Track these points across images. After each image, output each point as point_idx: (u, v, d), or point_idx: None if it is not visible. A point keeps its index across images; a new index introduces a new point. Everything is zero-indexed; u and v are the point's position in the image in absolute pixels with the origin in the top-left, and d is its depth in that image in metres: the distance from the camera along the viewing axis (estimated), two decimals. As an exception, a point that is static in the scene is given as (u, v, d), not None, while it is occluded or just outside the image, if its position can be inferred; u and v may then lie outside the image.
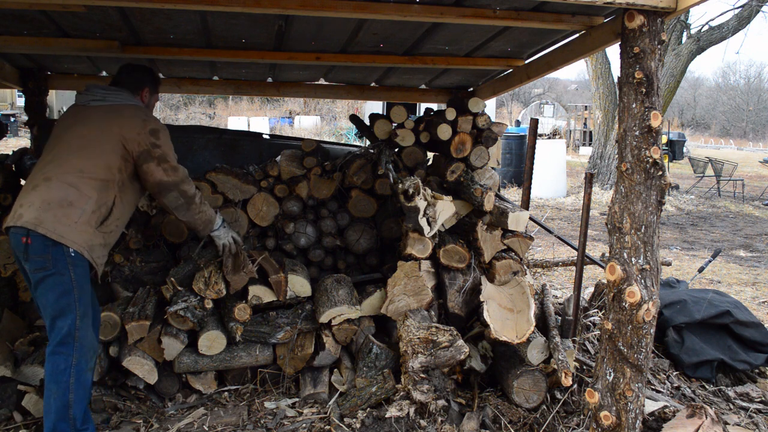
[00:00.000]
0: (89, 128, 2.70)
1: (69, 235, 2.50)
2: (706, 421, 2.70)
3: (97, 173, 2.61)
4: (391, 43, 3.44)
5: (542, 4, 2.74)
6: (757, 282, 6.43)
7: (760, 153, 32.66)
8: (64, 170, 2.58)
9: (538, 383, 3.09)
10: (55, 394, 2.47)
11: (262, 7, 2.57)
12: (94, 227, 2.58)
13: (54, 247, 2.47)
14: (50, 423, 2.47)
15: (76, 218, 2.52)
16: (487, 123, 3.79)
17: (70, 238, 2.50)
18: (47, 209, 2.49)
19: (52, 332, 2.52)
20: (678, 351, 3.72)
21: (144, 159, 2.71)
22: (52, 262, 2.48)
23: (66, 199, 2.53)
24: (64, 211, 2.51)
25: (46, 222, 2.47)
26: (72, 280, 2.52)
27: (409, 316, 3.17)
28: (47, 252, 2.47)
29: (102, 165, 2.63)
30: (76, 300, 2.53)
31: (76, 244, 2.51)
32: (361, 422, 2.86)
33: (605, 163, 13.37)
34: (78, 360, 2.53)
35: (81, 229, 2.53)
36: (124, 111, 2.77)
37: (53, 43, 3.25)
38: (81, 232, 2.53)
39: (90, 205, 2.57)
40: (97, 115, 2.74)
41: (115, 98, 2.80)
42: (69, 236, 2.50)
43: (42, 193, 2.53)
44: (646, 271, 2.35)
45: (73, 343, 2.52)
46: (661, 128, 2.37)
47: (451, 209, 3.48)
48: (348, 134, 21.91)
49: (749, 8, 12.72)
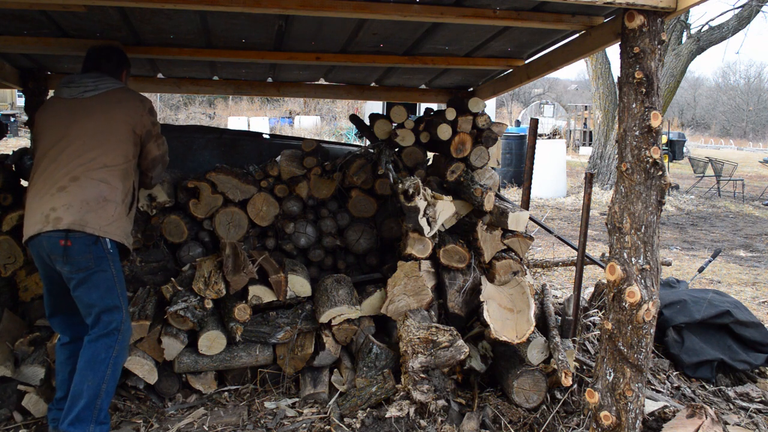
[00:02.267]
0: (97, 121, 2.70)
1: (112, 229, 2.60)
2: (706, 421, 2.70)
3: (118, 164, 2.68)
4: (391, 43, 3.44)
5: (542, 4, 2.74)
6: (757, 282, 6.43)
7: (760, 153, 32.67)
8: (90, 167, 2.61)
9: (538, 383, 3.09)
10: (90, 381, 2.51)
11: (262, 7, 2.57)
12: (126, 215, 2.70)
13: (95, 245, 2.54)
14: (77, 409, 2.50)
15: (113, 211, 2.62)
16: (487, 123, 3.79)
17: (114, 232, 2.60)
18: (88, 209, 2.54)
19: (97, 325, 2.59)
20: (678, 351, 3.72)
21: (147, 139, 2.82)
22: (95, 260, 2.55)
23: (101, 196, 2.59)
24: (103, 208, 2.58)
25: (92, 221, 2.53)
26: (113, 275, 2.61)
27: (409, 316, 3.17)
28: (89, 251, 2.53)
29: (121, 155, 2.70)
30: (119, 294, 2.64)
31: (118, 236, 2.63)
32: (361, 422, 2.86)
33: (605, 163, 13.37)
34: (119, 353, 2.61)
35: (119, 221, 2.64)
36: (122, 96, 2.79)
37: (53, 43, 3.25)
38: (120, 225, 2.64)
39: (119, 196, 2.66)
40: (99, 106, 2.74)
41: (105, 85, 2.79)
42: (112, 231, 2.60)
43: (75, 193, 2.55)
44: (646, 271, 2.35)
45: (118, 335, 2.60)
46: (661, 128, 2.37)
47: (451, 209, 3.48)
48: (348, 134, 21.91)
49: (749, 8, 12.72)
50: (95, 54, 2.93)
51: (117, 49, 3.04)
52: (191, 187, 3.60)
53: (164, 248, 3.62)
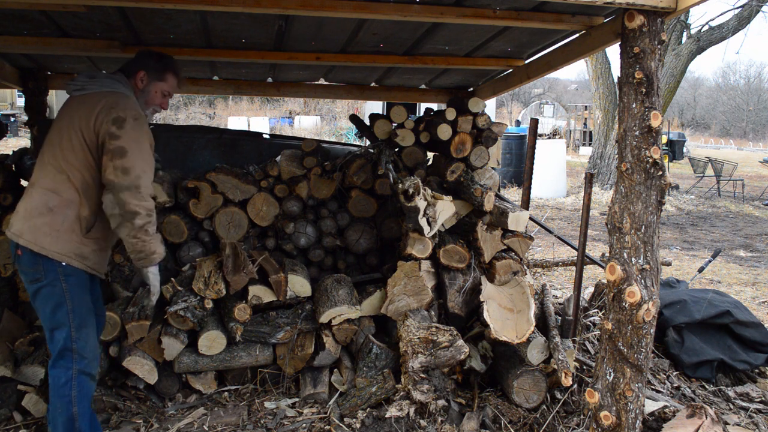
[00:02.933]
0: (61, 123, 2.43)
1: (52, 245, 2.31)
2: (706, 421, 2.70)
3: (74, 173, 2.35)
4: (391, 43, 3.43)
5: (542, 4, 2.74)
6: (757, 282, 6.43)
7: (760, 153, 32.65)
8: (43, 173, 2.38)
9: (538, 383, 3.09)
10: (59, 409, 2.38)
11: (262, 7, 2.57)
12: (81, 234, 2.36)
13: (42, 257, 2.32)
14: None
15: (59, 226, 2.31)
16: (487, 123, 3.79)
17: (54, 248, 2.31)
18: (28, 218, 2.33)
19: (51, 344, 2.42)
20: (678, 351, 3.72)
21: (102, 152, 2.34)
22: (44, 273, 2.33)
23: (46, 206, 2.33)
24: (44, 220, 2.32)
25: (27, 233, 2.31)
26: (64, 291, 2.36)
27: (409, 316, 3.17)
28: (38, 263, 2.32)
29: (78, 163, 2.36)
30: (70, 311, 2.37)
31: (62, 255, 2.33)
32: (361, 422, 2.86)
33: (605, 163, 13.37)
34: (78, 372, 2.40)
35: (66, 237, 2.33)
36: (94, 98, 2.40)
37: (53, 43, 3.25)
38: (66, 241, 2.33)
39: (72, 210, 2.34)
40: (72, 106, 2.46)
41: (94, 85, 2.46)
42: (53, 247, 2.31)
43: (25, 200, 2.40)
44: (646, 271, 2.35)
45: (71, 355, 2.39)
46: (661, 128, 2.37)
47: (451, 209, 3.48)
48: (348, 134, 21.90)
49: (749, 8, 12.72)
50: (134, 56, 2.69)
51: (148, 52, 2.68)
52: (191, 187, 3.60)
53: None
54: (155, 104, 2.63)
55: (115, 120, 2.33)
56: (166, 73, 2.61)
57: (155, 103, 2.63)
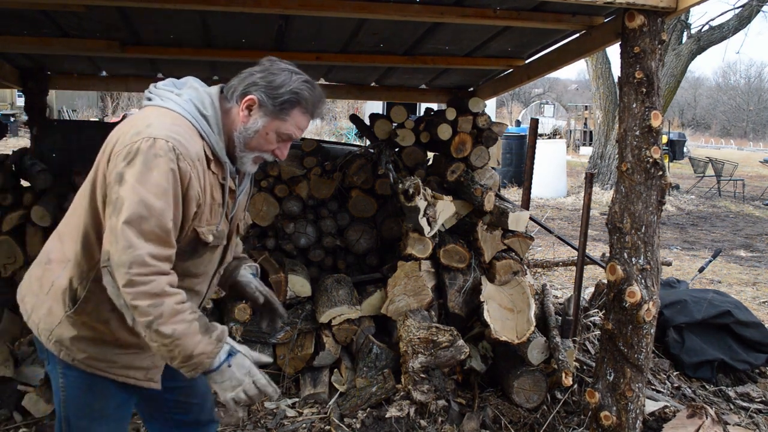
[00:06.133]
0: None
1: (35, 311, 1.61)
2: (707, 421, 2.69)
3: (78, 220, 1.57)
4: (391, 43, 3.43)
5: (542, 3, 2.74)
6: (757, 282, 6.43)
7: (761, 153, 32.64)
8: (67, 212, 1.66)
9: (539, 383, 3.09)
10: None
11: (262, 7, 2.57)
12: (63, 310, 1.56)
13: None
14: None
15: (47, 287, 1.59)
16: (487, 123, 3.79)
17: (35, 317, 1.61)
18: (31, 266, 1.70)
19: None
20: (678, 351, 3.72)
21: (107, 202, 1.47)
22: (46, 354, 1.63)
23: (47, 256, 1.64)
24: (38, 273, 1.64)
25: (23, 285, 1.70)
26: (60, 388, 1.62)
27: (409, 316, 3.17)
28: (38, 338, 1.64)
29: (84, 206, 1.56)
30: (63, 421, 1.64)
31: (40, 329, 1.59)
32: (361, 422, 2.86)
33: (605, 163, 13.37)
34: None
35: (48, 306, 1.58)
36: (132, 117, 1.58)
37: (53, 43, 3.24)
38: (48, 313, 1.58)
39: (66, 271, 1.56)
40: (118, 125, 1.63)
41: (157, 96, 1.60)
42: (35, 314, 1.61)
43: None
44: (647, 271, 2.35)
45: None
46: (662, 128, 2.36)
47: (451, 209, 3.48)
48: (348, 134, 21.90)
49: (749, 8, 12.72)
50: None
51: (288, 70, 1.70)
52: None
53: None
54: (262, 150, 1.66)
55: (129, 154, 1.45)
56: (290, 109, 1.62)
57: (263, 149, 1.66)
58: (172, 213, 1.43)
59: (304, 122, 1.66)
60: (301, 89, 1.62)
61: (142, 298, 1.36)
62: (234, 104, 1.61)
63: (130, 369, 1.62)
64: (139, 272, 1.36)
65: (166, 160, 1.41)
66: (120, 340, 1.59)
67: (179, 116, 1.53)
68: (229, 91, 1.62)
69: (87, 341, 1.56)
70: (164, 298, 1.39)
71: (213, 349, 1.47)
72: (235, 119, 1.60)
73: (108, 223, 1.41)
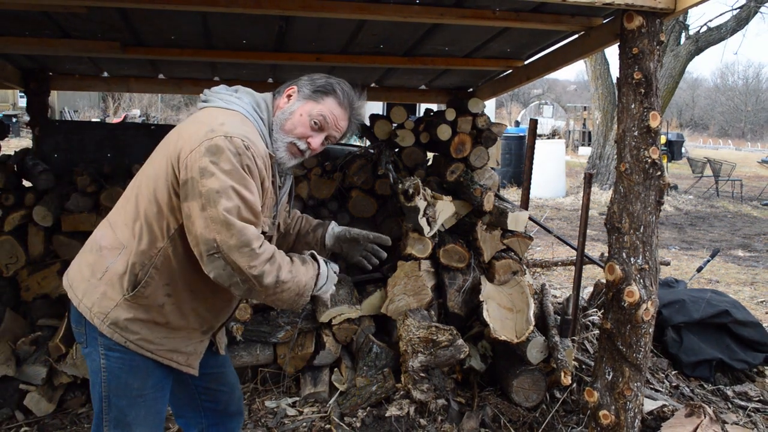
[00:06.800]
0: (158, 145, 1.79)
1: (87, 296, 1.69)
2: (705, 420, 2.71)
3: (137, 208, 1.69)
4: (391, 44, 3.45)
5: (541, 5, 2.75)
6: (755, 281, 6.45)
7: (758, 153, 32.67)
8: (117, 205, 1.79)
9: (538, 382, 3.11)
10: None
11: (262, 8, 2.58)
12: (122, 292, 1.66)
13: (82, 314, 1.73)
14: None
15: (100, 273, 1.68)
16: (486, 123, 3.80)
17: (86, 302, 1.68)
18: (79, 254, 1.79)
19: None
20: (677, 350, 3.73)
21: (185, 194, 1.59)
22: (86, 337, 1.73)
23: (97, 243, 1.73)
24: (89, 260, 1.73)
25: (70, 271, 1.78)
26: (101, 368, 1.70)
27: (409, 315, 3.18)
28: (80, 320, 1.73)
29: (145, 197, 1.67)
30: (104, 399, 1.72)
31: (93, 313, 1.67)
32: (362, 421, 2.87)
33: (604, 163, 13.39)
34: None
35: (102, 290, 1.67)
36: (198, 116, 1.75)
37: (55, 44, 3.25)
38: (102, 297, 1.67)
39: (121, 258, 1.67)
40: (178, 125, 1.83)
41: (218, 99, 1.79)
42: (87, 298, 1.69)
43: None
44: (645, 271, 2.36)
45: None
46: (660, 128, 2.38)
47: (450, 209, 3.50)
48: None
49: (747, 9, 12.76)
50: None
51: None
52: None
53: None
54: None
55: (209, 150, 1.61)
56: (326, 96, 1.79)
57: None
58: (258, 199, 1.63)
59: (340, 113, 1.80)
60: (338, 83, 1.82)
61: (263, 265, 1.59)
62: (279, 98, 1.82)
63: (174, 353, 1.76)
64: (254, 248, 1.57)
65: (244, 156, 1.59)
66: (171, 324, 1.73)
67: (244, 117, 1.71)
68: (278, 92, 1.84)
69: (141, 323, 1.69)
70: (275, 257, 1.64)
71: (315, 271, 1.78)
72: (278, 109, 1.81)
73: (201, 214, 1.55)
